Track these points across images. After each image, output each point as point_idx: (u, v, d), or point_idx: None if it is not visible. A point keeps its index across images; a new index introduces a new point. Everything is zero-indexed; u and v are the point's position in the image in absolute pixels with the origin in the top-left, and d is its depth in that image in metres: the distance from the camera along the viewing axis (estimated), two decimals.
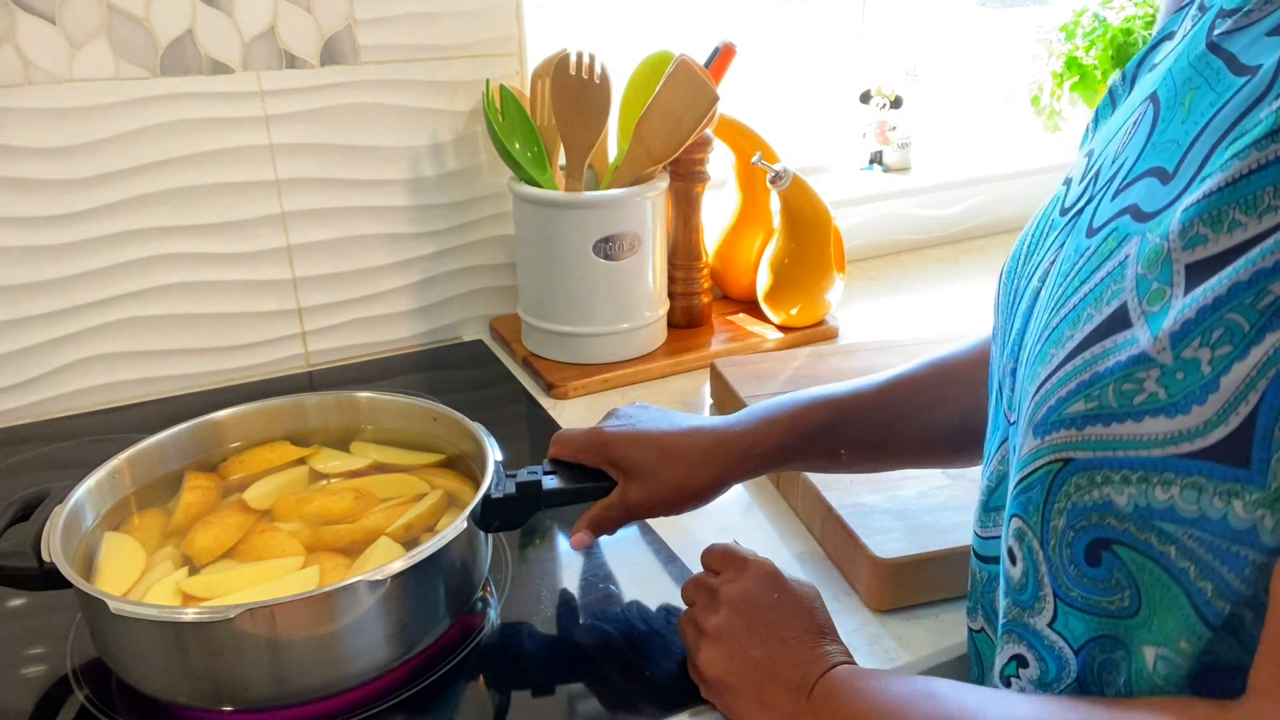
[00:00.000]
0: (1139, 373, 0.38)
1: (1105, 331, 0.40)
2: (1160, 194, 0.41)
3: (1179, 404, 0.36)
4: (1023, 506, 0.45)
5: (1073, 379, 0.41)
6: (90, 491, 0.65)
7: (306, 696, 0.58)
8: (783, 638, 0.55)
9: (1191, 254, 0.37)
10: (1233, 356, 0.35)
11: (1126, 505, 0.39)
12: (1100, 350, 0.40)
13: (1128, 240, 0.41)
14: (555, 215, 0.96)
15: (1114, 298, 0.40)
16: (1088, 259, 0.43)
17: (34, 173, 0.88)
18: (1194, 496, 0.36)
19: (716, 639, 0.56)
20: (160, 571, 0.62)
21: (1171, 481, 0.37)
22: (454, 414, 0.73)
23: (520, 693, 0.62)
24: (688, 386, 1.01)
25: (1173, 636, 0.39)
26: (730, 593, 0.58)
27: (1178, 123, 0.42)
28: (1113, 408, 0.39)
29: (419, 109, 1.02)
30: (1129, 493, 0.38)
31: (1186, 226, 0.37)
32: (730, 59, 1.04)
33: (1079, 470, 0.40)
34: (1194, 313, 0.36)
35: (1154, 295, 0.38)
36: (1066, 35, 1.46)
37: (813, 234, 1.06)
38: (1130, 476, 0.38)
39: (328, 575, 0.62)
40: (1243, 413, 0.35)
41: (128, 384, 0.98)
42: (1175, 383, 0.37)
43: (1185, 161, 0.40)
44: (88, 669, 0.63)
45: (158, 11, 0.89)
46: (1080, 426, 0.40)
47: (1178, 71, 0.44)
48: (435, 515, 0.68)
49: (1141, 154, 0.44)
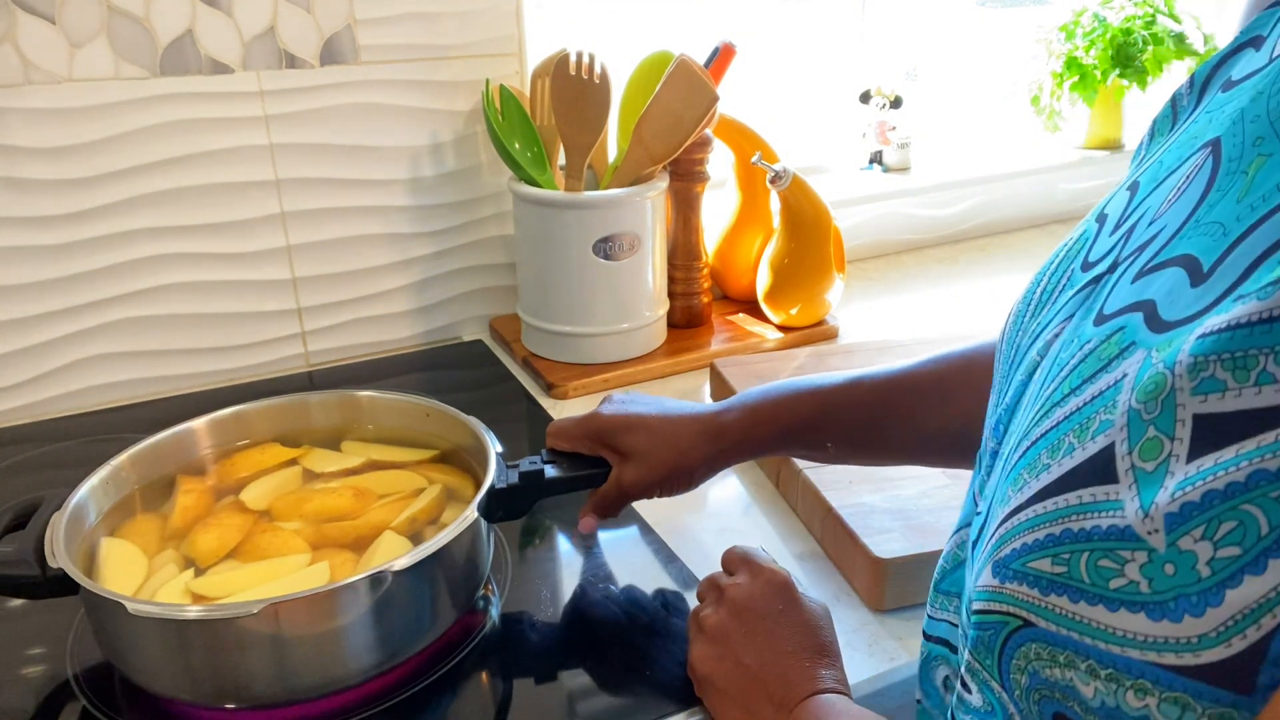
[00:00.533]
0: (1121, 550, 0.30)
1: (1085, 477, 0.32)
2: (1185, 298, 0.32)
3: (1165, 605, 0.29)
4: (975, 645, 0.37)
5: (1040, 527, 0.34)
6: (93, 490, 0.65)
7: (314, 693, 0.58)
8: (778, 650, 0.54)
9: (1203, 403, 0.29)
10: (1243, 564, 0.27)
11: (1093, 699, 0.32)
12: (1077, 502, 0.32)
13: (1131, 351, 0.33)
14: (555, 215, 0.96)
15: (1099, 432, 0.33)
16: (1084, 359, 0.36)
17: (34, 173, 0.88)
18: (1175, 713, 0.29)
19: (713, 638, 0.57)
20: (166, 574, 0.62)
21: (1148, 690, 0.30)
22: (448, 409, 0.73)
23: (522, 690, 0.62)
24: (688, 386, 1.01)
25: None
26: (735, 595, 0.58)
27: (1233, 199, 0.33)
28: (1083, 583, 0.31)
29: (419, 109, 1.02)
30: (1095, 686, 0.31)
31: (1200, 363, 0.29)
32: (730, 59, 1.04)
33: (1040, 639, 0.33)
34: (1198, 495, 0.28)
35: (1148, 446, 0.31)
36: (1066, 35, 1.46)
37: (813, 234, 1.06)
38: (1098, 670, 0.31)
39: (338, 570, 0.62)
40: (1251, 637, 0.27)
41: (128, 384, 0.98)
42: (1164, 577, 0.29)
43: (1226, 261, 0.32)
44: (89, 670, 0.63)
45: (158, 11, 0.89)
46: (1044, 590, 0.33)
47: (1251, 120, 0.35)
48: (437, 509, 0.68)
49: (1182, 228, 0.35)
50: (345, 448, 0.75)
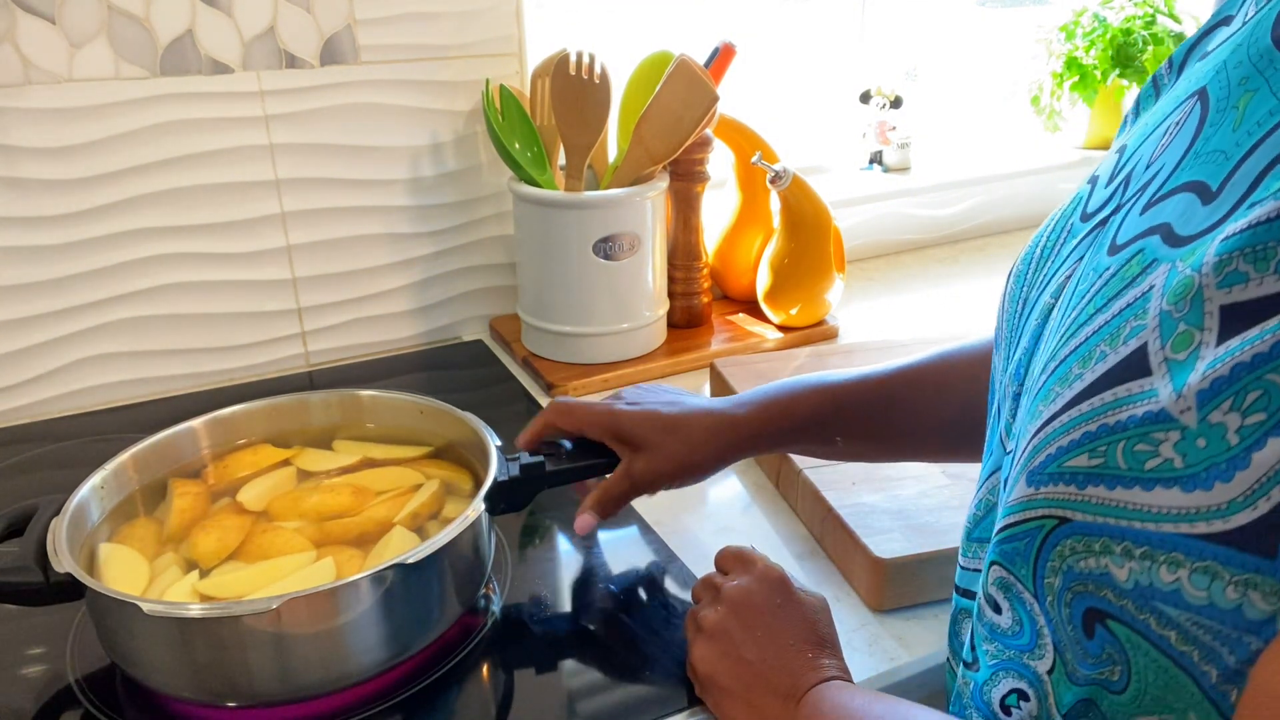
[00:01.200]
0: (1155, 433, 0.33)
1: (1119, 376, 0.35)
2: (1199, 215, 0.36)
3: (1198, 476, 0.31)
4: (1007, 557, 0.40)
5: (1077, 427, 0.36)
6: (94, 491, 0.65)
7: (321, 690, 0.58)
8: (779, 644, 0.54)
9: (1228, 294, 0.32)
10: (1267, 428, 0.30)
11: (1126, 581, 0.34)
12: (1111, 399, 0.35)
13: (1155, 267, 0.36)
14: (555, 215, 0.96)
15: (1132, 336, 0.35)
16: (1106, 282, 0.38)
17: (34, 173, 0.88)
18: (1205, 582, 0.32)
19: (712, 637, 0.56)
20: (170, 576, 0.62)
21: (1180, 563, 0.32)
22: (442, 405, 0.74)
23: (523, 689, 0.62)
24: (688, 386, 1.01)
25: (1177, 708, 0.35)
26: (732, 592, 0.58)
27: (1228, 129, 0.37)
28: (1120, 469, 0.34)
29: (419, 109, 1.02)
30: (1129, 568, 0.34)
31: (1225, 260, 0.32)
32: (730, 59, 1.04)
33: (1077, 533, 0.36)
34: (1227, 369, 0.31)
35: (1180, 340, 0.33)
36: (1066, 35, 1.46)
37: (813, 234, 1.06)
38: (1133, 550, 0.34)
39: (344, 567, 0.62)
40: (1276, 497, 0.29)
41: (128, 384, 0.98)
42: (1196, 450, 0.32)
43: (1233, 179, 0.35)
44: (90, 673, 0.63)
45: (158, 11, 0.89)
46: (1081, 485, 0.35)
47: (1234, 66, 0.39)
48: (438, 503, 0.68)
49: (1181, 162, 0.39)
50: (337, 446, 0.75)
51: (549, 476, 0.67)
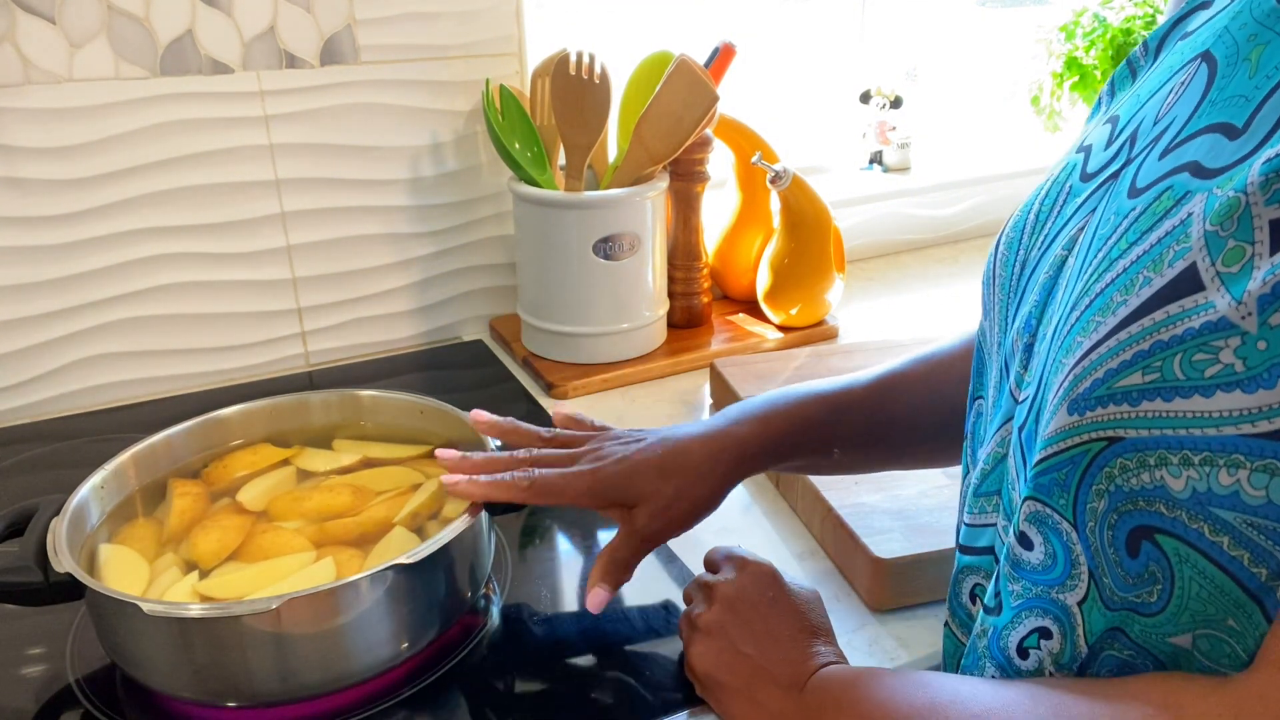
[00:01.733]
0: (1214, 340, 0.34)
1: (1169, 296, 0.36)
2: (1227, 150, 0.37)
3: (1260, 377, 0.33)
4: (1044, 490, 0.41)
5: (1127, 349, 0.37)
6: (94, 491, 0.65)
7: (321, 690, 0.58)
8: (775, 636, 0.54)
9: (1277, 210, 0.33)
10: None
11: (1183, 490, 0.35)
12: (1164, 317, 0.36)
13: (1189, 198, 0.37)
14: (555, 215, 0.96)
15: (1177, 259, 0.36)
16: (1135, 220, 0.39)
17: (34, 173, 0.88)
18: (1264, 480, 0.33)
19: (708, 634, 0.57)
20: (170, 577, 0.62)
21: (1240, 464, 0.33)
22: (442, 405, 0.74)
23: (522, 689, 0.62)
24: (688, 386, 1.01)
25: (1217, 617, 0.36)
26: (725, 590, 0.58)
27: (1243, 78, 0.38)
28: (1178, 380, 0.35)
29: (419, 109, 1.02)
30: (1188, 476, 0.35)
31: (1270, 178, 0.34)
32: (730, 59, 1.04)
33: (1129, 450, 0.37)
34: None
35: (1231, 254, 0.34)
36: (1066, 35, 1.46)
37: (813, 234, 1.06)
38: (1192, 458, 0.35)
39: (344, 567, 0.62)
40: None
41: (128, 384, 0.98)
42: (1257, 353, 0.33)
43: (1260, 115, 0.37)
44: (90, 673, 0.63)
45: (158, 11, 0.89)
46: (1135, 402, 0.36)
47: (1238, 29, 0.41)
48: (437, 503, 0.68)
49: (1196, 112, 0.40)
50: (337, 446, 0.75)
51: None
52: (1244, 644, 0.36)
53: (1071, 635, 0.42)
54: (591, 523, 0.78)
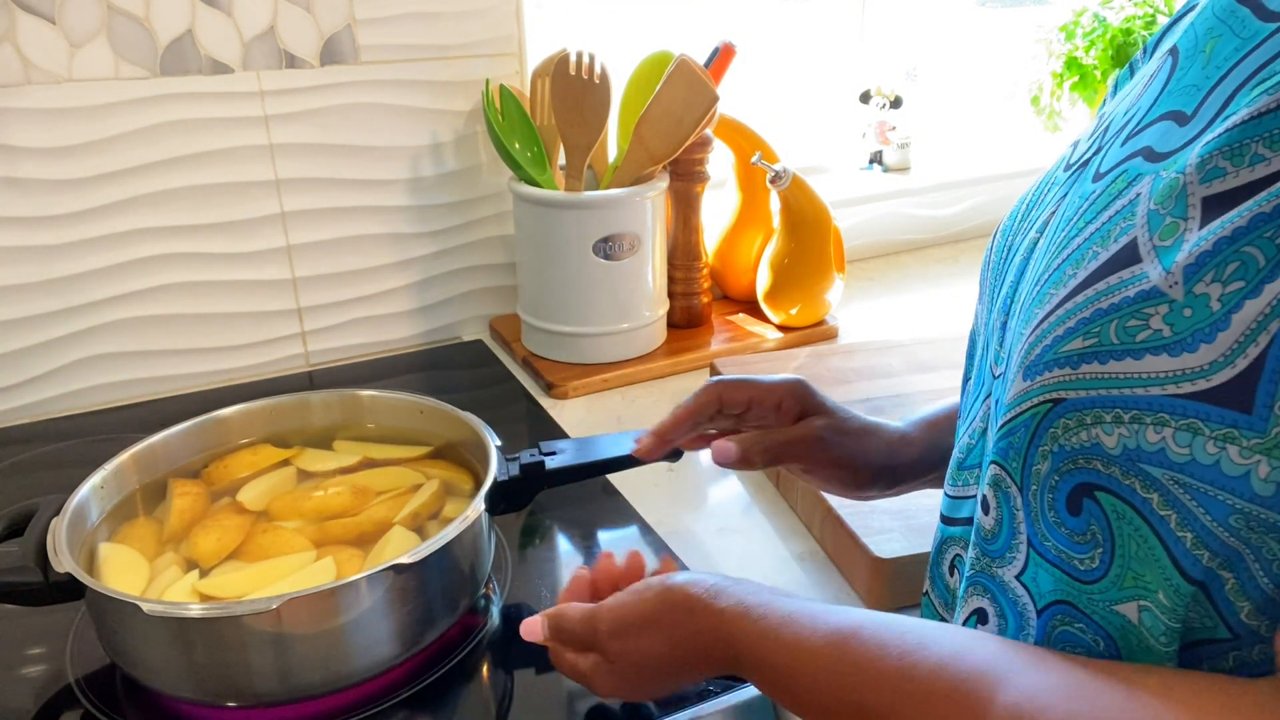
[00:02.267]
0: (1146, 308, 0.36)
1: (1111, 268, 0.39)
2: (1177, 134, 0.40)
3: (1185, 342, 0.35)
4: (1003, 452, 0.43)
5: (1072, 316, 0.39)
6: (94, 491, 0.65)
7: (321, 690, 0.58)
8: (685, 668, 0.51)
9: (1209, 187, 0.36)
10: (1245, 293, 0.34)
11: (1115, 447, 0.38)
12: (1104, 286, 0.38)
13: (1139, 179, 0.40)
14: (555, 215, 0.96)
15: (1122, 234, 0.39)
16: (1093, 201, 0.42)
17: (34, 173, 0.88)
18: (1187, 439, 0.35)
19: (600, 678, 0.53)
20: (170, 576, 0.62)
21: (1166, 422, 0.36)
22: (442, 405, 0.74)
23: (522, 689, 0.62)
24: (688, 386, 1.01)
25: (1151, 589, 0.38)
26: (601, 675, 0.53)
27: (1197, 69, 0.41)
28: (1113, 344, 0.37)
29: (419, 109, 1.02)
30: (1119, 434, 0.37)
31: (1205, 159, 0.36)
32: (730, 59, 1.04)
33: (1069, 410, 0.39)
34: (1210, 245, 0.35)
35: (1166, 230, 0.37)
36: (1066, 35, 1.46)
37: (813, 234, 1.06)
38: (1123, 416, 0.37)
39: (344, 566, 0.62)
40: (1251, 354, 0.33)
41: (128, 384, 0.98)
42: (1183, 319, 0.35)
43: (1206, 104, 0.39)
44: (90, 672, 0.63)
45: (157, 11, 0.89)
46: (1075, 365, 0.39)
47: (1200, 24, 0.43)
48: (438, 503, 0.68)
49: (1156, 102, 0.43)
50: (337, 446, 0.75)
51: (549, 476, 0.67)
52: (1175, 619, 0.37)
53: (1012, 613, 0.44)
54: (592, 522, 0.78)
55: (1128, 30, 1.42)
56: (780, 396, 0.63)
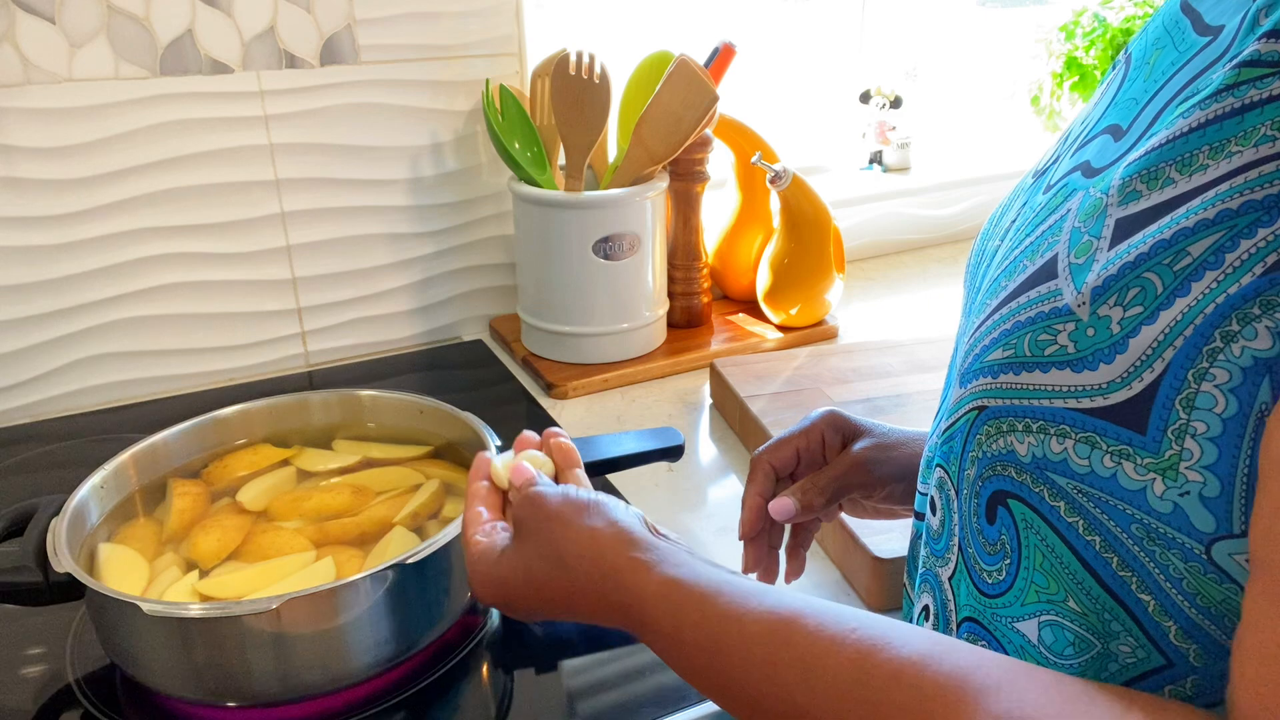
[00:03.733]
0: (1056, 324, 0.38)
1: (1034, 281, 0.40)
2: (1111, 150, 0.41)
3: (1087, 359, 0.36)
4: (945, 455, 0.45)
5: (997, 328, 0.41)
6: (93, 491, 0.65)
7: (321, 690, 0.58)
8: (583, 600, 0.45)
9: (1124, 209, 0.37)
10: (1142, 319, 0.35)
11: (1026, 455, 0.39)
12: (1025, 300, 0.40)
13: (1073, 195, 0.41)
14: (555, 215, 0.96)
15: (1049, 249, 0.40)
16: (1037, 214, 0.43)
17: (33, 173, 0.88)
18: (1086, 451, 0.36)
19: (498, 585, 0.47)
20: (170, 576, 0.62)
21: (1068, 434, 0.37)
22: (442, 405, 0.74)
23: (522, 689, 0.62)
24: (687, 386, 1.01)
25: (1057, 598, 0.39)
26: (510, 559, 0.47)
27: (1141, 80, 0.42)
28: (1026, 356, 0.39)
29: (419, 109, 1.02)
30: (1029, 442, 0.38)
31: (1126, 183, 0.37)
32: (730, 59, 1.04)
33: (990, 418, 0.40)
34: (1116, 269, 0.36)
35: (1082, 248, 0.38)
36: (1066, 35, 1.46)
37: (812, 234, 1.06)
38: (1031, 425, 0.38)
39: (344, 567, 0.62)
40: (1146, 379, 0.34)
41: (128, 384, 0.98)
42: (1086, 339, 0.36)
43: (1139, 119, 0.40)
44: (90, 672, 0.63)
45: (157, 11, 0.89)
46: (995, 374, 0.40)
47: (1152, 30, 0.44)
48: (437, 503, 0.68)
49: (1105, 113, 0.44)
50: (337, 446, 0.75)
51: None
52: (1088, 627, 0.38)
53: (944, 614, 0.45)
54: None
55: (1128, 30, 1.42)
56: (820, 433, 0.62)
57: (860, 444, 0.61)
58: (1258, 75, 0.34)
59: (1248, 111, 0.34)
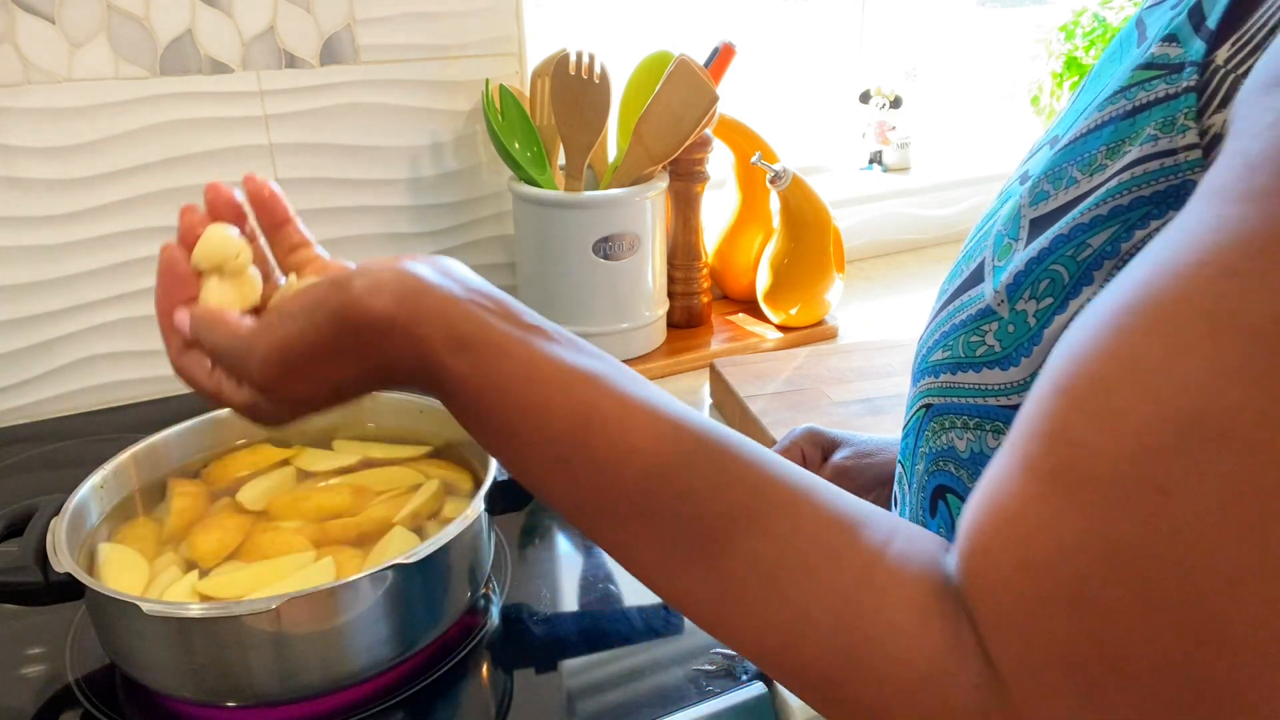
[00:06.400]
0: (983, 324, 0.39)
1: (966, 286, 0.42)
2: (1044, 160, 0.42)
3: (1010, 356, 0.38)
4: (903, 451, 0.47)
5: (939, 330, 0.43)
6: (93, 490, 0.65)
7: (321, 690, 0.58)
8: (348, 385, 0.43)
9: (1035, 210, 0.38)
10: (1053, 309, 0.36)
11: (964, 451, 0.40)
12: (958, 303, 0.42)
13: (1007, 201, 0.42)
14: (555, 215, 0.96)
15: (979, 253, 0.42)
16: (984, 219, 0.45)
17: (34, 172, 0.88)
18: None
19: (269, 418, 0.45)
20: (169, 576, 0.62)
21: (1000, 430, 0.38)
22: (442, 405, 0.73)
23: (522, 689, 0.62)
24: (687, 386, 1.01)
25: None
26: (260, 410, 0.45)
27: (1092, 93, 0.43)
28: (960, 357, 0.40)
29: (419, 109, 1.02)
30: (967, 439, 0.40)
31: (1035, 184, 0.39)
32: (730, 59, 1.04)
33: (935, 415, 0.42)
34: (1023, 265, 0.37)
35: (1004, 250, 0.40)
36: (1066, 35, 1.46)
37: (812, 234, 1.06)
38: (969, 422, 0.40)
39: (344, 567, 0.62)
40: None
41: (128, 384, 0.98)
42: (1008, 335, 0.38)
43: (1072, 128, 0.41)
44: (90, 672, 0.63)
45: (157, 11, 0.89)
46: (937, 374, 0.42)
47: (1111, 44, 0.45)
48: (437, 502, 0.68)
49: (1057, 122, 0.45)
50: (337, 446, 0.75)
51: None
52: None
53: None
54: None
55: None
56: (800, 449, 0.65)
57: (839, 455, 0.64)
58: (1148, 77, 0.35)
59: (1139, 113, 0.35)
